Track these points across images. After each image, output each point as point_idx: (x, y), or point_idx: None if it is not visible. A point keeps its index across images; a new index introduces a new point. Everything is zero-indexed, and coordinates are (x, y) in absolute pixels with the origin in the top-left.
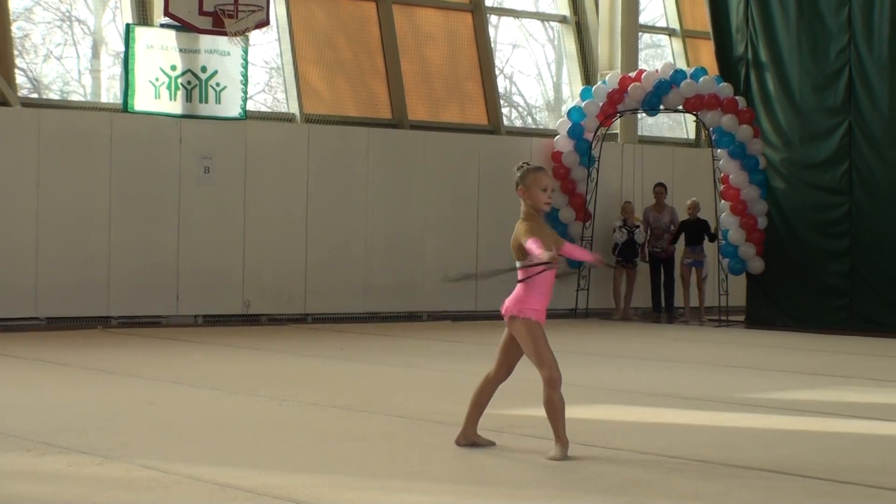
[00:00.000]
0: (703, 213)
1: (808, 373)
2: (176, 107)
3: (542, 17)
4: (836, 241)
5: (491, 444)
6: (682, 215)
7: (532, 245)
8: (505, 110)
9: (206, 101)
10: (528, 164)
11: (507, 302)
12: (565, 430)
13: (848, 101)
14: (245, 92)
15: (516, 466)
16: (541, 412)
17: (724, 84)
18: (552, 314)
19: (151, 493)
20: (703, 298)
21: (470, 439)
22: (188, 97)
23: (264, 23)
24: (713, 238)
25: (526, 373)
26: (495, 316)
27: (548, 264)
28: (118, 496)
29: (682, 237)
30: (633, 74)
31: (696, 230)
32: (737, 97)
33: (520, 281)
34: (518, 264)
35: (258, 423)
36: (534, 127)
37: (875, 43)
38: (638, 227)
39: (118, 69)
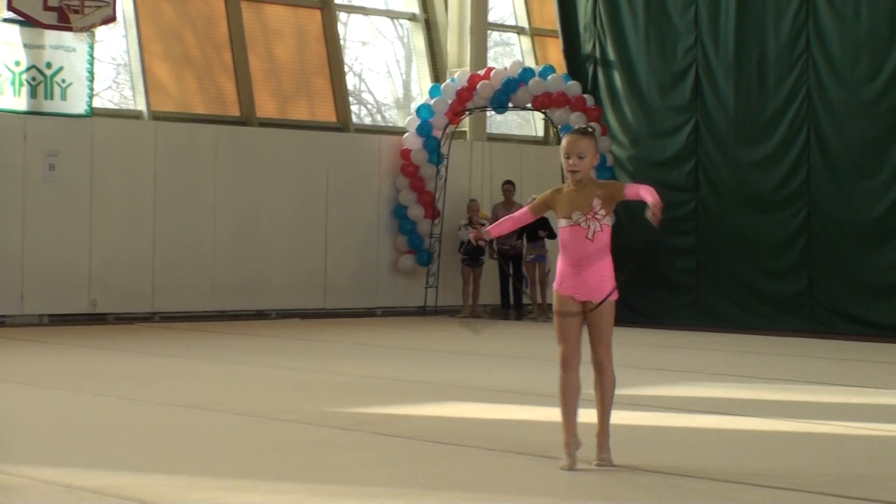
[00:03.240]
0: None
1: (653, 368)
2: (20, 103)
3: (392, 15)
4: (683, 239)
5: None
6: None
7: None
8: (354, 108)
9: (52, 98)
10: (586, 128)
11: None
12: (567, 425)
13: (694, 100)
14: (91, 88)
15: (367, 465)
16: (389, 410)
17: (572, 82)
18: (400, 312)
19: None
20: (546, 294)
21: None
22: (33, 93)
23: (111, 18)
24: (551, 235)
25: (371, 370)
26: (343, 314)
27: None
28: None
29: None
30: (482, 72)
31: (535, 227)
32: (585, 95)
33: None
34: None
35: (105, 424)
36: (383, 125)
37: (721, 43)
38: (484, 224)
39: None
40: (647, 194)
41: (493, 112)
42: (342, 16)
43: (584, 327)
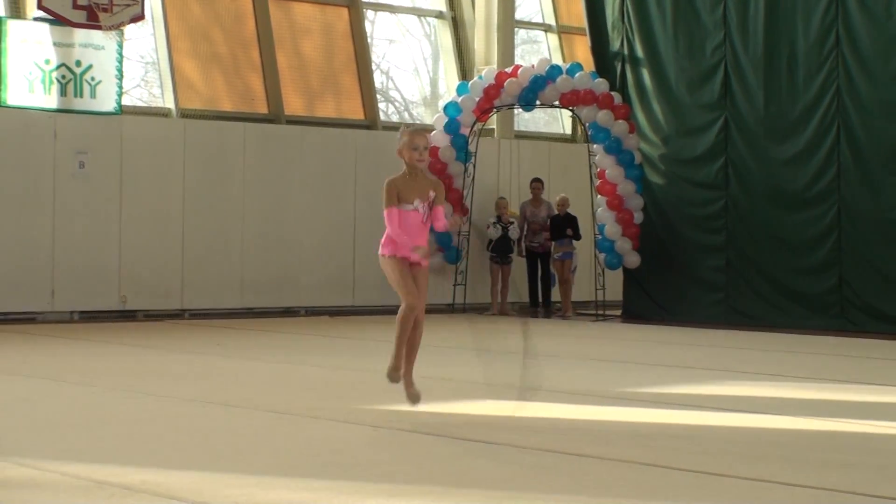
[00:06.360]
0: (581, 208)
1: (683, 366)
2: (50, 101)
3: (419, 13)
4: (712, 236)
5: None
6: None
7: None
8: (382, 105)
9: (81, 96)
10: (408, 126)
11: None
12: (398, 354)
13: (724, 97)
14: (120, 86)
15: (395, 462)
16: (417, 407)
17: (599, 79)
18: (429, 309)
19: (27, 492)
20: (570, 291)
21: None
22: (63, 91)
23: (139, 17)
24: (576, 236)
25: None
26: (372, 311)
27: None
28: None
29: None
30: (509, 70)
31: (563, 225)
32: (612, 92)
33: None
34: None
35: (135, 420)
36: (411, 122)
37: (750, 40)
38: (512, 223)
39: None
40: (440, 221)
41: (520, 109)
42: (369, 13)
43: None
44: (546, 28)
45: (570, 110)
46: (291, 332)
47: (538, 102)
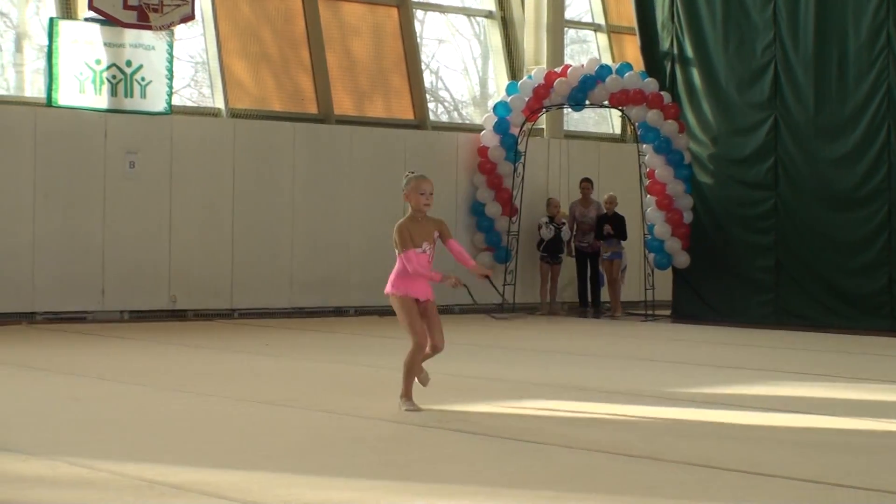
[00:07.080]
0: (631, 208)
1: (732, 367)
2: (101, 101)
3: (468, 13)
4: (762, 236)
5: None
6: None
7: (407, 255)
8: (431, 105)
9: (132, 96)
10: (412, 173)
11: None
12: (409, 389)
13: (774, 97)
14: (170, 86)
15: (444, 462)
16: (466, 407)
17: (649, 79)
18: (478, 309)
19: (77, 490)
20: (619, 291)
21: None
22: (113, 91)
23: (189, 17)
24: (618, 235)
25: (448, 367)
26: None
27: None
28: (43, 494)
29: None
30: (558, 69)
31: (612, 225)
32: (662, 92)
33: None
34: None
35: (185, 419)
36: (460, 122)
37: (800, 39)
38: (565, 223)
39: (42, 63)
40: (467, 258)
41: (570, 109)
42: (419, 13)
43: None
44: (595, 28)
45: (620, 110)
46: (341, 332)
47: (588, 102)
